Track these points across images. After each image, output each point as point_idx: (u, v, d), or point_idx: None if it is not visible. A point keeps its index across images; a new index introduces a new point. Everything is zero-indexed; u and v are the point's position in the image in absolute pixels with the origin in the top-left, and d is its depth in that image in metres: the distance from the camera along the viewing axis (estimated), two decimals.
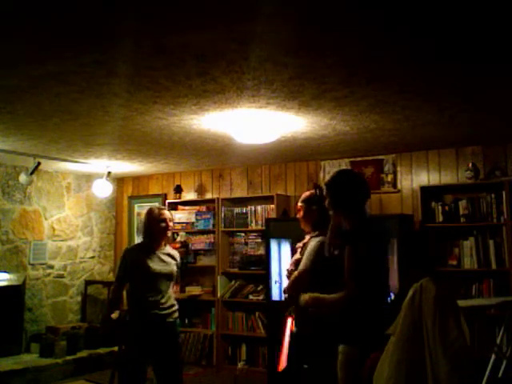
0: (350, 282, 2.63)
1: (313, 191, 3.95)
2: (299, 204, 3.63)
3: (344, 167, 5.75)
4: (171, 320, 3.88)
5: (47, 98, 3.46)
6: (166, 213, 3.96)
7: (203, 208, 6.54)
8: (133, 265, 3.84)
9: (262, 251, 5.97)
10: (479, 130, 4.55)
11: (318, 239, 3.37)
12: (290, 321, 3.58)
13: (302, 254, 3.46)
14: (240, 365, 5.85)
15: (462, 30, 2.41)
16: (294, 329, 3.46)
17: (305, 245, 3.46)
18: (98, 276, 7.06)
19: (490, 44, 2.59)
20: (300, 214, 3.61)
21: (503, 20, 2.32)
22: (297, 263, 3.47)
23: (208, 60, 2.76)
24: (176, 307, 3.94)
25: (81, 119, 4.01)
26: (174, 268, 3.94)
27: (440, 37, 2.50)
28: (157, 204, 6.90)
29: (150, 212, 3.96)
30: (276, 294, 5.43)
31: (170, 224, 3.96)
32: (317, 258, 3.26)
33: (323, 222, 3.47)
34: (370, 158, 5.67)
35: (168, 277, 3.88)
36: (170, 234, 4.06)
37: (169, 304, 3.86)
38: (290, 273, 3.52)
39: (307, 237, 3.48)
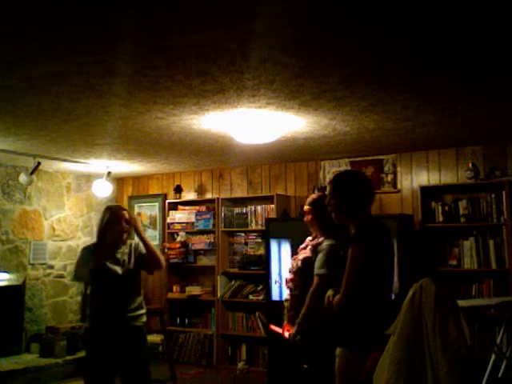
0: (342, 292, 2.55)
1: (320, 193, 3.93)
2: (306, 207, 3.60)
3: (344, 167, 5.75)
4: (137, 324, 3.50)
5: (47, 98, 3.46)
6: (125, 213, 3.59)
7: (203, 208, 6.54)
8: (91, 265, 3.47)
9: (262, 251, 5.97)
10: (479, 129, 4.55)
11: (328, 242, 3.37)
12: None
13: (313, 253, 3.44)
14: (240, 365, 5.86)
15: (462, 31, 2.42)
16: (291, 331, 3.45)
17: (318, 245, 3.43)
18: None
19: (490, 45, 2.59)
20: (308, 218, 3.58)
21: (503, 22, 2.32)
22: (305, 261, 3.45)
23: (208, 60, 2.76)
24: (143, 310, 3.56)
25: (81, 119, 4.01)
26: (131, 266, 3.53)
27: (440, 37, 2.50)
28: (156, 204, 6.92)
29: (109, 211, 3.59)
30: (276, 294, 5.44)
31: (126, 226, 3.57)
32: (330, 262, 3.24)
33: (332, 225, 3.46)
34: (370, 157, 5.67)
35: (128, 277, 3.50)
36: (125, 236, 3.57)
37: (134, 306, 3.50)
38: (297, 269, 3.50)
39: (321, 238, 3.46)
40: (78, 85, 3.17)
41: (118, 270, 3.49)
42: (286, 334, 3.50)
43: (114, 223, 3.53)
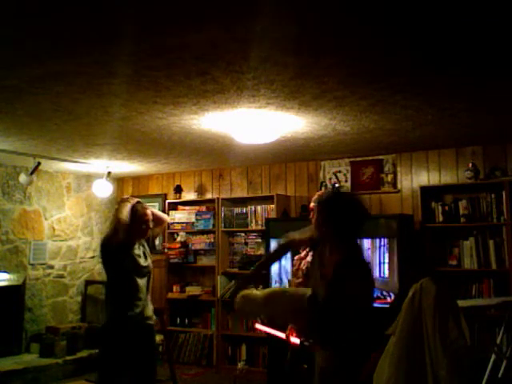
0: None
1: (327, 190, 3.88)
2: (312, 204, 3.56)
3: (344, 167, 5.76)
4: (150, 322, 3.62)
5: (47, 98, 3.46)
6: (149, 212, 3.63)
7: (203, 208, 6.54)
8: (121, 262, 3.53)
9: (262, 251, 5.97)
10: (479, 130, 4.55)
11: None
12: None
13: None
14: (240, 365, 5.85)
15: (462, 31, 2.42)
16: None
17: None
18: (98, 276, 7.05)
19: (490, 45, 2.59)
20: (314, 217, 3.53)
21: (503, 22, 2.32)
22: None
23: (208, 60, 2.76)
24: (151, 307, 3.67)
25: (81, 119, 4.01)
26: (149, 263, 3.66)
27: (440, 37, 2.50)
28: (156, 204, 6.93)
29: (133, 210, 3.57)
30: None
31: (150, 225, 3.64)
32: None
33: None
34: (370, 158, 5.67)
35: (148, 272, 3.62)
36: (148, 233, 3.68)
37: (148, 303, 3.61)
38: (307, 272, 3.44)
39: None
40: (78, 85, 3.17)
41: (144, 264, 3.57)
42: (295, 340, 3.46)
43: (142, 225, 3.57)
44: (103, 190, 6.33)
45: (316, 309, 2.56)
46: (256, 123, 4.09)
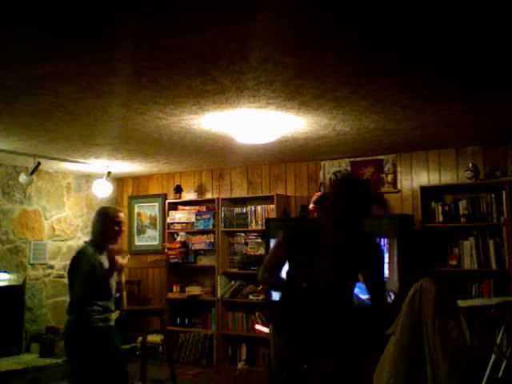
0: None
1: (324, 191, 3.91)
2: (311, 206, 3.58)
3: (344, 167, 5.76)
4: (112, 324, 3.62)
5: (47, 98, 3.46)
6: (122, 215, 3.66)
7: (203, 208, 6.53)
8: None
9: (262, 251, 5.97)
10: (479, 130, 4.55)
11: None
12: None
13: None
14: (240, 365, 5.85)
15: (462, 31, 2.42)
16: None
17: None
18: None
19: (490, 45, 2.60)
20: (314, 216, 3.55)
21: (503, 22, 2.32)
22: None
23: (208, 60, 2.76)
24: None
25: (81, 119, 4.01)
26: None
27: (440, 37, 2.50)
28: (156, 204, 6.94)
29: (105, 212, 3.66)
30: (276, 294, 5.42)
31: (124, 228, 3.72)
32: None
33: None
34: (370, 158, 5.67)
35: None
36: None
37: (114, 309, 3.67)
38: None
39: None
40: (78, 85, 3.17)
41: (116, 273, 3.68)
42: None
43: (113, 226, 3.62)
44: (103, 190, 6.33)
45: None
46: (256, 123, 4.09)
